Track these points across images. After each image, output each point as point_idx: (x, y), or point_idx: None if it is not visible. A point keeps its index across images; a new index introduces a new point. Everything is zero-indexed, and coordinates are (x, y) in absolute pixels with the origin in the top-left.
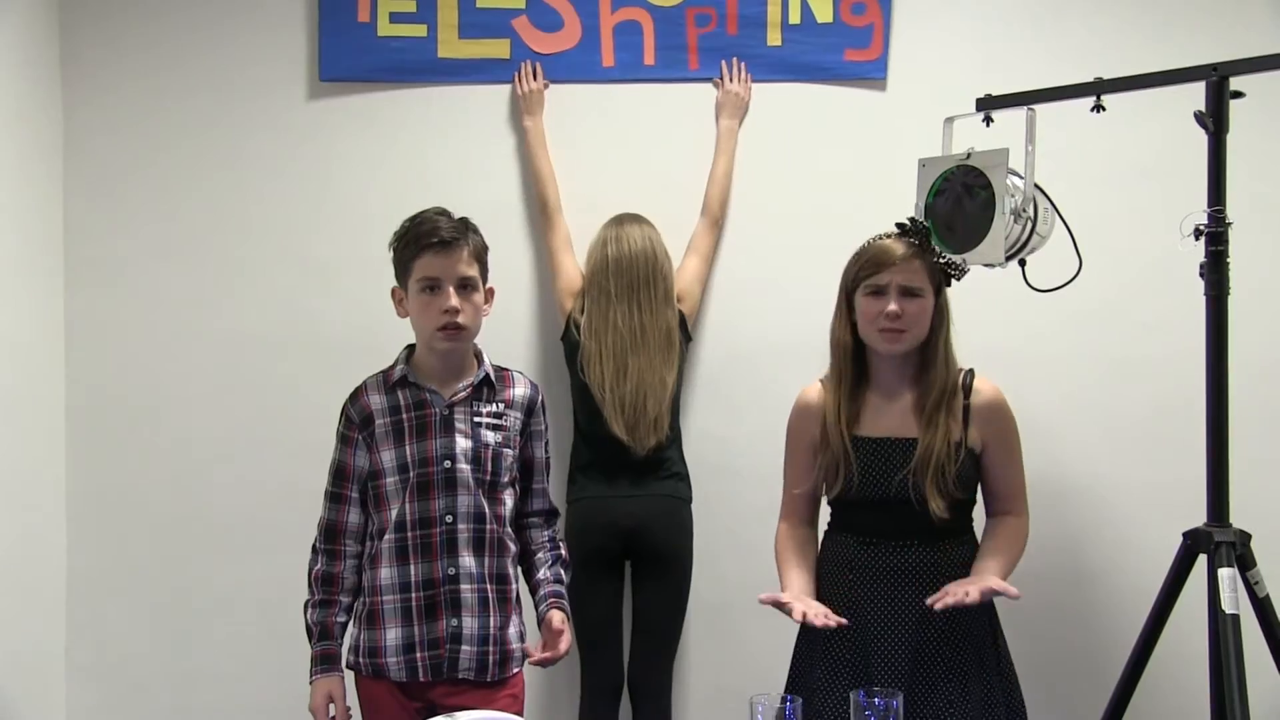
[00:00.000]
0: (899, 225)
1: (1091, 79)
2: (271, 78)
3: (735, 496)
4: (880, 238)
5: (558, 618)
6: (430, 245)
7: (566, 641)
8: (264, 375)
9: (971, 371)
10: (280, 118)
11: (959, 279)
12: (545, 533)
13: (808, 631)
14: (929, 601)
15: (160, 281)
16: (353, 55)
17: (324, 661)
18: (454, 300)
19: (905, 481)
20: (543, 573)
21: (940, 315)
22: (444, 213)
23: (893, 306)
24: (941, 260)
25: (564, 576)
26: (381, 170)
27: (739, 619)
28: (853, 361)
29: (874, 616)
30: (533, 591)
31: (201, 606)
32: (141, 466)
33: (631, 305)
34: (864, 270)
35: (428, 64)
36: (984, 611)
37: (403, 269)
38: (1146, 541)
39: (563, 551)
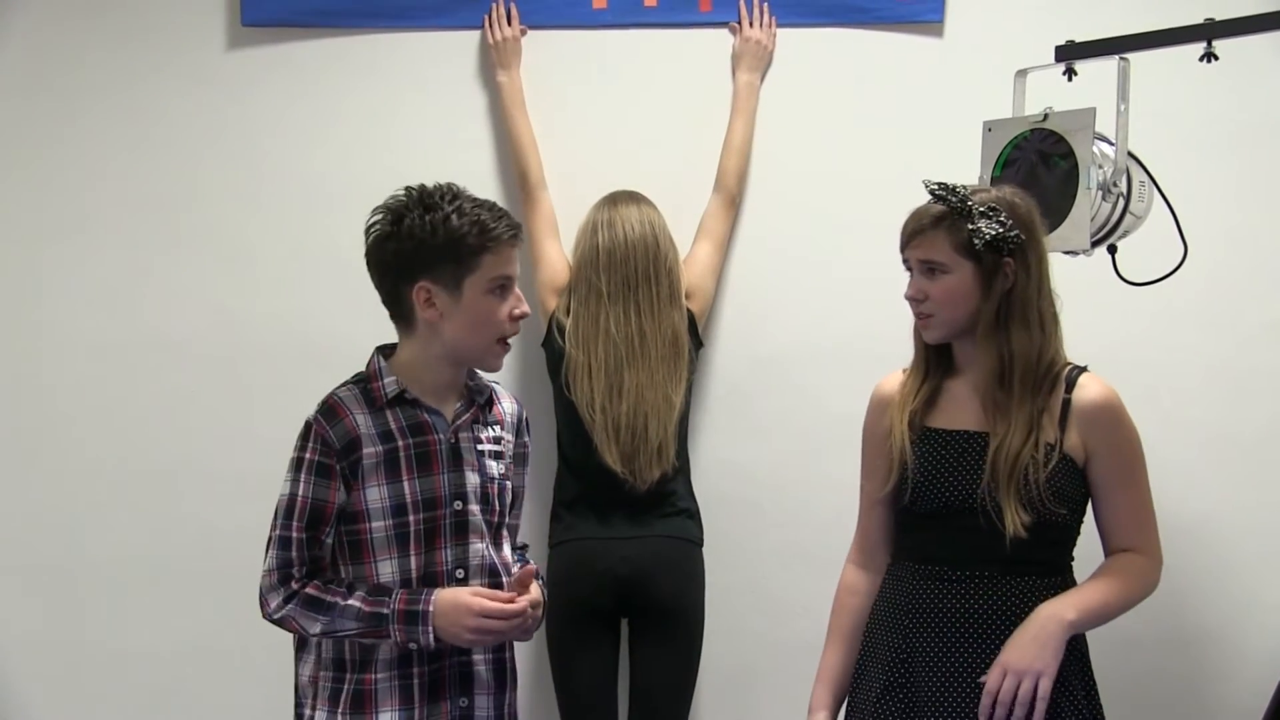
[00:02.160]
0: (926, 185)
1: (1201, 20)
2: (181, 24)
3: (757, 538)
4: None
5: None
6: (512, 238)
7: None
8: (174, 389)
9: (1082, 369)
10: (193, 73)
11: (978, 244)
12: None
13: (856, 703)
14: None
15: (46, 274)
16: None
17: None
18: (525, 304)
19: (977, 485)
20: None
21: (990, 286)
22: (489, 203)
23: (907, 291)
24: (970, 226)
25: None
26: (319, 138)
27: (761, 689)
28: (927, 346)
29: (928, 674)
30: None
31: (91, 671)
32: (19, 503)
33: (628, 306)
34: (900, 244)
35: (377, 4)
36: (1079, 681)
37: (457, 262)
38: (1271, 596)
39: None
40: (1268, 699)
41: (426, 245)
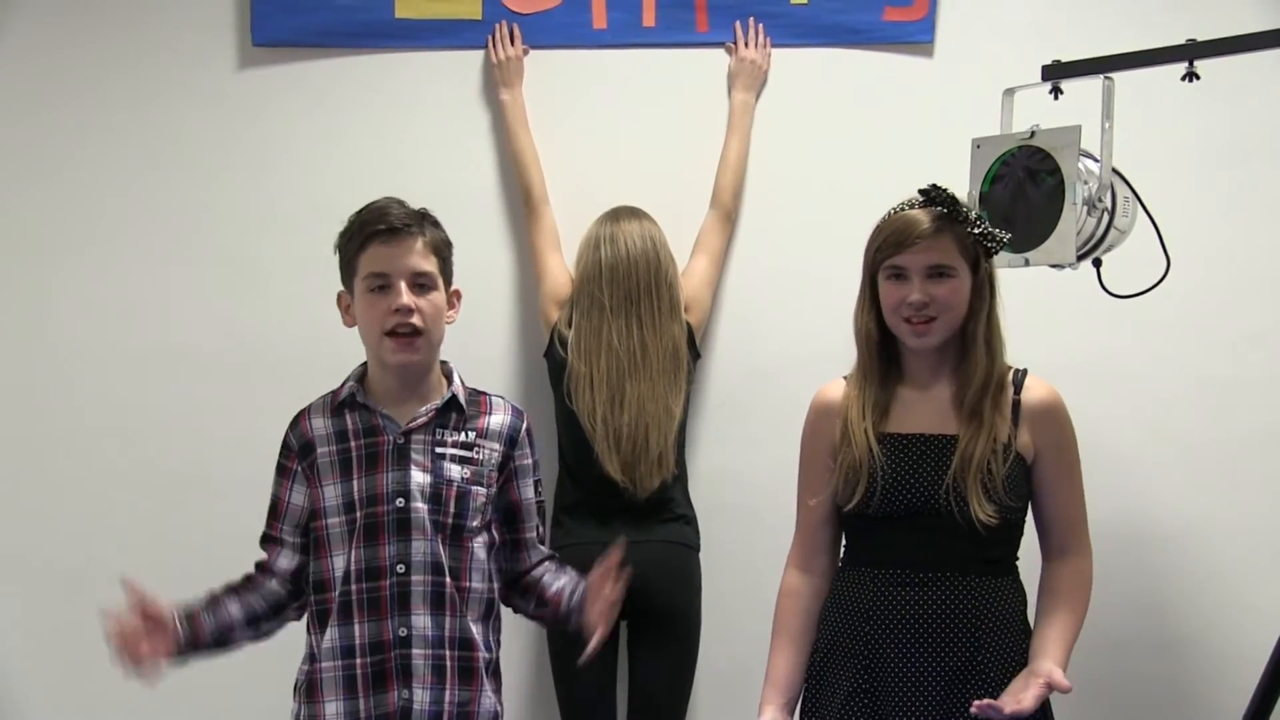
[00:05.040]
0: (922, 192)
1: (1183, 41)
2: (193, 44)
3: (752, 543)
4: (905, 207)
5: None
6: (376, 233)
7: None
8: (187, 399)
9: (1024, 371)
10: (205, 91)
11: (996, 251)
12: (550, 563)
13: (819, 707)
14: (974, 709)
15: (61, 287)
16: (292, 14)
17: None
18: (406, 297)
19: (940, 486)
20: (560, 582)
21: (981, 293)
22: (397, 201)
23: (916, 295)
24: (975, 231)
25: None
26: (328, 154)
27: (756, 689)
28: (880, 352)
29: (896, 678)
30: (561, 602)
31: (102, 676)
32: (32, 511)
33: (630, 320)
34: (883, 250)
35: (384, 25)
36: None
37: (348, 268)
38: (1252, 599)
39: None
40: (1248, 699)
41: (339, 257)
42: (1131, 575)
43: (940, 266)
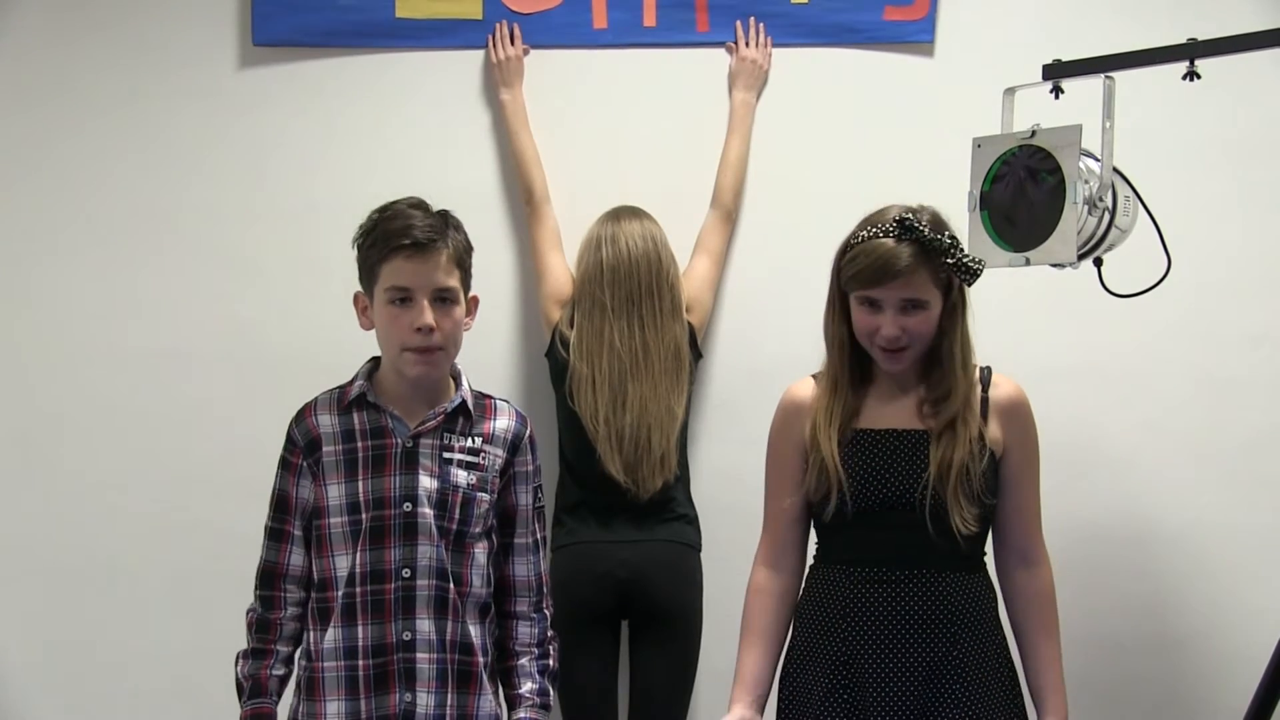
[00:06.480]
0: (897, 222)
1: (1184, 40)
2: (194, 42)
3: (752, 543)
4: (877, 233)
5: None
6: (401, 247)
7: None
8: (187, 399)
9: (989, 368)
10: (205, 90)
11: (970, 283)
12: (534, 628)
13: (797, 705)
14: None
15: (61, 286)
16: (292, 14)
17: None
18: (429, 316)
19: (915, 484)
20: (525, 687)
21: (953, 315)
22: (420, 205)
23: (890, 330)
24: (950, 262)
25: (550, 694)
26: (328, 154)
27: None
28: (851, 359)
29: (873, 674)
30: (509, 705)
31: (104, 675)
32: (34, 511)
33: (632, 320)
34: (859, 279)
35: (384, 25)
36: (1007, 674)
37: (368, 272)
38: (1252, 599)
39: (552, 659)
40: (1248, 700)
41: (358, 256)
42: (1131, 575)
43: (915, 301)
